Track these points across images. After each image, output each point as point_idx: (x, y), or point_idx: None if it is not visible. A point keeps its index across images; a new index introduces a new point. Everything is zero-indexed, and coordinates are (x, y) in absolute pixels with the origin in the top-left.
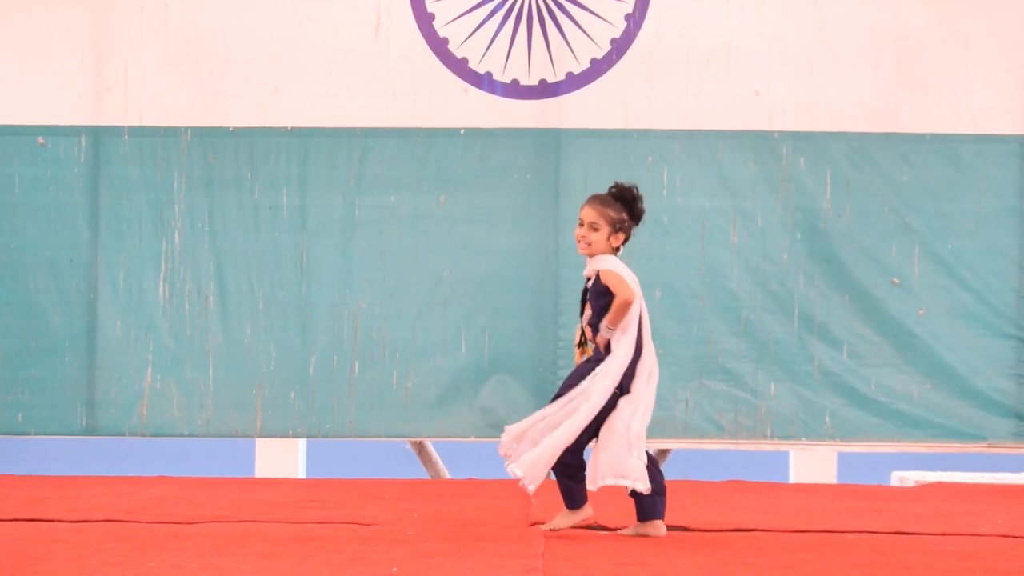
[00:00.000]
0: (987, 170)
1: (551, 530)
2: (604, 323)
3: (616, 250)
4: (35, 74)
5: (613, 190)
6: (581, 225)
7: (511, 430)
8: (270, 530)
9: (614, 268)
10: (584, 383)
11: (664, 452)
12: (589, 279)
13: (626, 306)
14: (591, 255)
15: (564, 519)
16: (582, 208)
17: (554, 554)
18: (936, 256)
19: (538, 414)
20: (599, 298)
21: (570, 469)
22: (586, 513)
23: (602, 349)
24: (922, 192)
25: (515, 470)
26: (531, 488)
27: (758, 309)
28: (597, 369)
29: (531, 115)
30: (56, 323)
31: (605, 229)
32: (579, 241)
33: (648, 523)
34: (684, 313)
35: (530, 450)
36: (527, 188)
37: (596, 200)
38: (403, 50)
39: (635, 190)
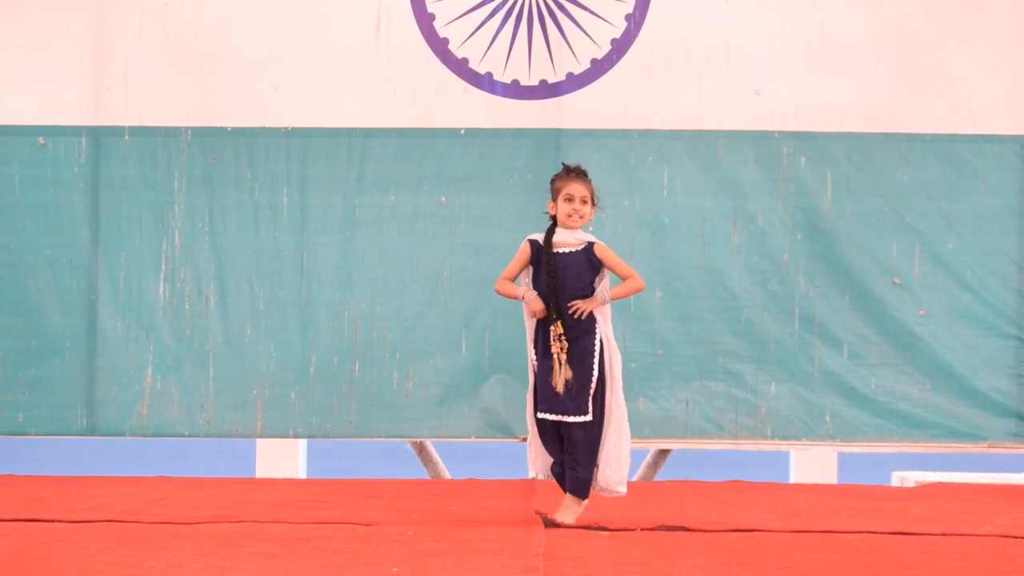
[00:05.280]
0: (987, 170)
1: (563, 523)
2: (606, 295)
3: None
4: (35, 74)
5: (580, 167)
6: (571, 200)
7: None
8: (270, 530)
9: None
10: (611, 373)
11: (664, 452)
12: (564, 249)
13: (638, 291)
14: (578, 229)
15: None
16: (569, 184)
17: (554, 554)
18: (936, 256)
19: (608, 438)
20: (590, 271)
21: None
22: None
23: (578, 316)
24: (922, 192)
25: (619, 490)
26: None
27: (758, 309)
28: (601, 348)
29: (531, 115)
30: (56, 323)
31: (589, 204)
32: (572, 215)
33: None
34: (684, 313)
35: (612, 465)
36: (527, 188)
37: (583, 175)
38: (403, 50)
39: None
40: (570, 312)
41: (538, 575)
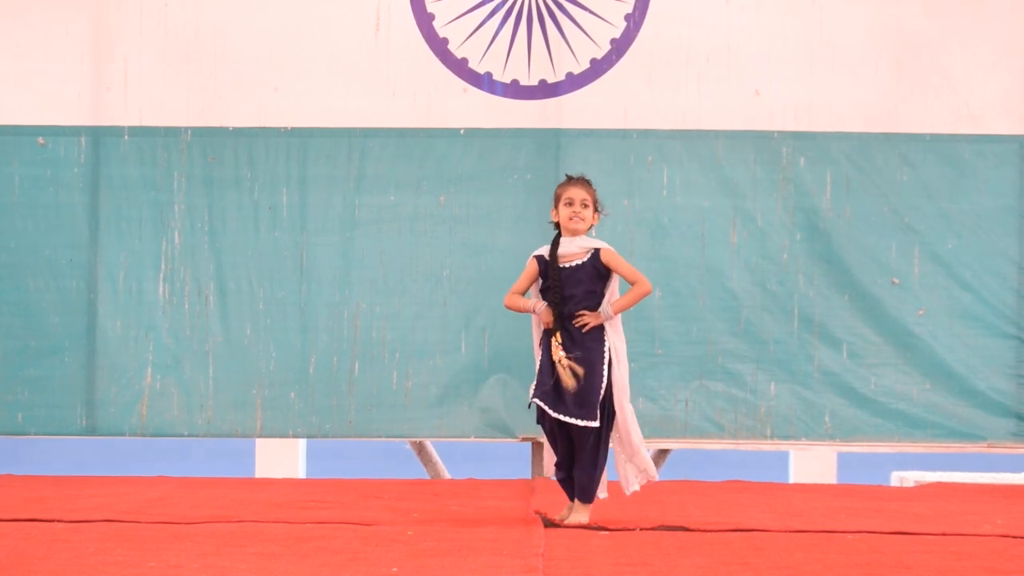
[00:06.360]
0: (987, 170)
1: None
2: (611, 309)
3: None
4: (35, 74)
5: (582, 176)
6: (571, 204)
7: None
8: (270, 530)
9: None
10: (616, 378)
11: (664, 452)
12: (569, 263)
13: (645, 296)
14: (581, 233)
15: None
16: (568, 189)
17: (554, 554)
18: (936, 256)
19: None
20: (598, 279)
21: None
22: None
23: (583, 327)
24: (922, 192)
25: (644, 479)
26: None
27: (758, 309)
28: (610, 356)
29: (531, 115)
30: (56, 323)
31: (591, 208)
32: (572, 218)
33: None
34: (684, 313)
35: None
36: (527, 188)
37: (583, 181)
38: (403, 50)
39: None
40: (575, 324)
41: (538, 575)
